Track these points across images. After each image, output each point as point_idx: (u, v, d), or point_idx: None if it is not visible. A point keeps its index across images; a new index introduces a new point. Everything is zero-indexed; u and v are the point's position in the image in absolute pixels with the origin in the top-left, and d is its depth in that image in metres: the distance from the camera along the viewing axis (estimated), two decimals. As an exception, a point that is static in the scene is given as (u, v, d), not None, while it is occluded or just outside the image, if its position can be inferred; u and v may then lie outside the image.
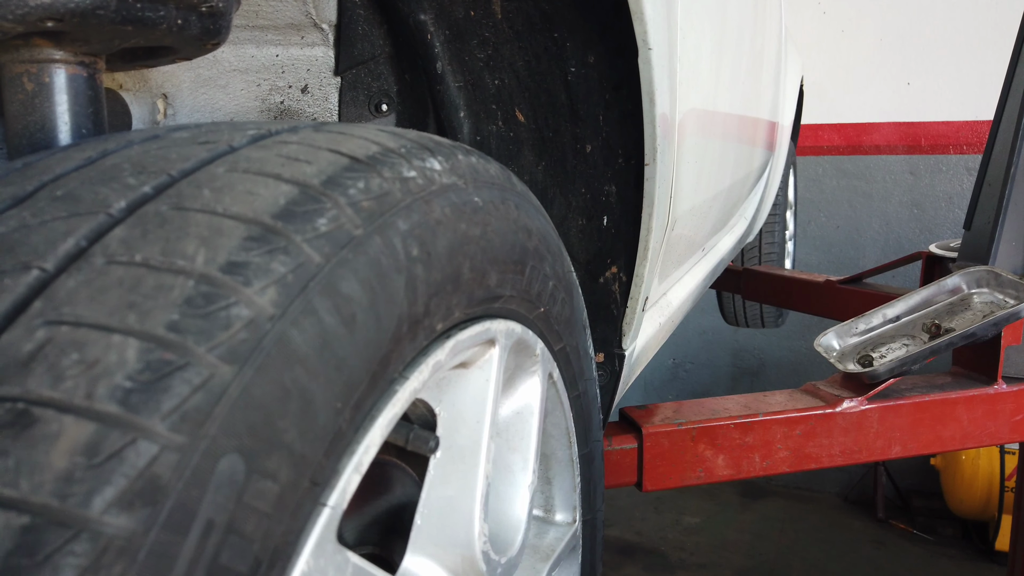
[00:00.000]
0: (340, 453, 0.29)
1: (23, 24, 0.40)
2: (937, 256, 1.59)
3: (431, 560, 0.43)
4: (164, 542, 0.21)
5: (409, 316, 0.33)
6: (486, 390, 0.44)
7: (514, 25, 0.67)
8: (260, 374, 0.25)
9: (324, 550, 0.28)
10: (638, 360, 0.94)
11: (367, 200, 0.32)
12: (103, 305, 0.23)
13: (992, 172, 1.32)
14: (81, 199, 0.28)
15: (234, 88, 0.69)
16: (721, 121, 1.09)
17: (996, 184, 1.29)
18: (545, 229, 0.50)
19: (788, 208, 2.81)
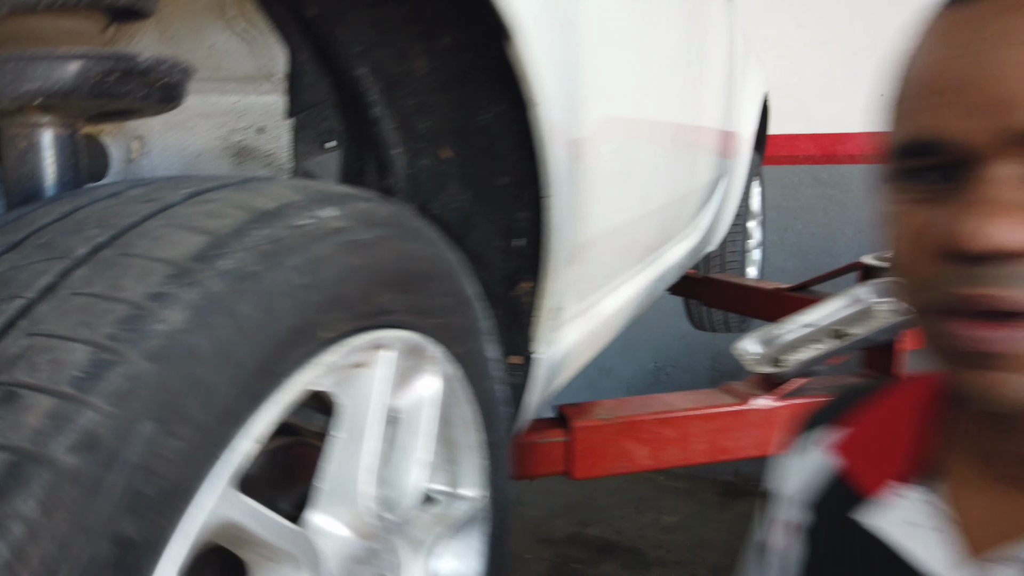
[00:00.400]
0: (235, 424, 0.41)
1: (19, 102, 0.52)
2: (872, 266, 1.72)
3: (331, 516, 0.56)
4: (99, 474, 0.33)
5: (297, 328, 0.45)
6: (376, 386, 0.56)
7: (436, 80, 0.79)
8: (172, 369, 0.37)
9: (219, 490, 0.40)
10: (564, 363, 1.06)
11: (265, 244, 0.44)
12: (66, 323, 0.36)
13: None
14: (56, 246, 0.40)
15: (199, 130, 0.82)
16: (650, 137, 1.22)
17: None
18: (436, 256, 0.63)
19: (753, 218, 2.93)
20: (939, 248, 0.47)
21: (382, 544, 0.60)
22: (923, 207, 0.48)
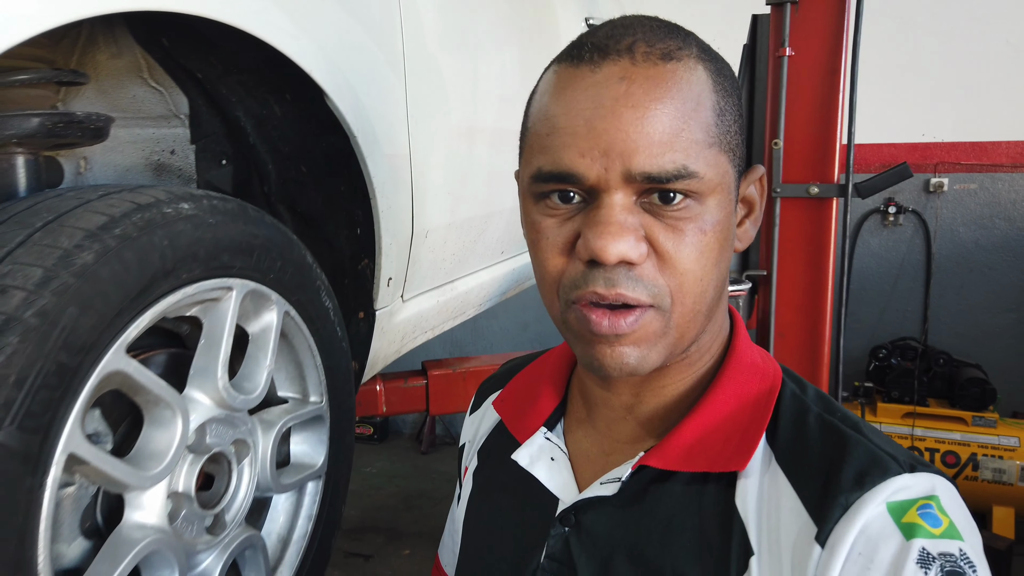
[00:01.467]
0: (125, 318, 0.76)
1: (1, 140, 0.87)
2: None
3: (199, 391, 0.91)
4: (48, 329, 0.68)
5: (163, 270, 0.81)
6: (226, 313, 0.92)
7: (287, 119, 1.15)
8: (85, 283, 0.72)
9: (114, 356, 0.75)
10: (411, 319, 1.42)
11: (141, 222, 0.79)
12: (30, 258, 0.71)
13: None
14: (24, 222, 0.75)
15: (127, 152, 1.17)
16: (490, 146, 1.56)
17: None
18: (271, 234, 0.98)
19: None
20: (584, 256, 0.58)
21: (239, 415, 0.96)
22: (567, 224, 0.60)
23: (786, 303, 1.78)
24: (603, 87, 0.56)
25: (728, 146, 0.60)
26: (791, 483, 0.58)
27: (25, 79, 0.89)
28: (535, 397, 0.76)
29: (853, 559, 0.53)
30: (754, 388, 0.65)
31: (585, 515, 0.66)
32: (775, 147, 1.77)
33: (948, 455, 3.45)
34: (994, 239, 3.95)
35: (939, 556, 0.52)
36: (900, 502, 0.54)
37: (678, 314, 0.59)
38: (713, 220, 0.58)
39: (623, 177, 0.56)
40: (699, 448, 0.62)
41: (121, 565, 0.79)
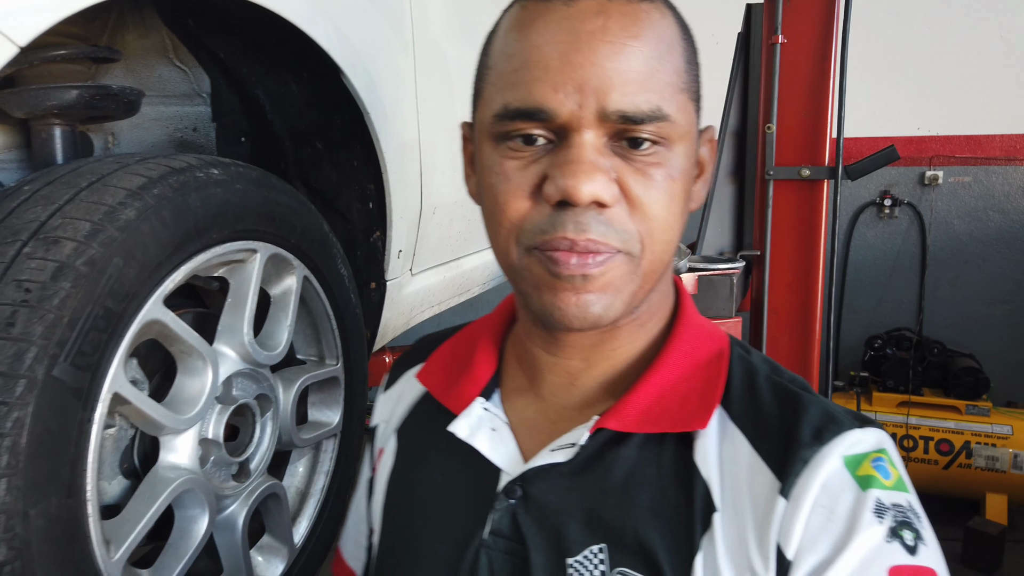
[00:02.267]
0: (163, 271, 0.83)
1: (43, 112, 0.94)
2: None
3: (227, 346, 0.97)
4: (96, 276, 0.75)
5: (196, 228, 0.87)
6: (251, 274, 0.98)
7: (305, 97, 1.22)
8: (128, 236, 0.79)
9: (153, 306, 0.82)
10: (419, 292, 1.49)
11: (176, 185, 0.86)
12: (78, 212, 0.77)
13: (712, 180, 1.89)
14: (71, 183, 0.82)
15: (152, 128, 1.24)
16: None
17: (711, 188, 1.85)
18: (292, 202, 1.05)
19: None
20: (553, 198, 0.54)
21: (262, 371, 1.02)
22: (532, 166, 0.56)
23: (779, 282, 1.84)
24: (578, 21, 0.54)
25: (695, 95, 0.59)
26: (749, 441, 0.59)
27: (64, 54, 0.96)
28: (467, 365, 0.71)
29: (816, 510, 0.54)
30: (704, 350, 0.64)
31: (533, 486, 0.62)
32: (768, 131, 1.84)
33: (942, 443, 3.51)
34: (988, 231, 4.01)
35: (892, 507, 0.54)
36: (855, 455, 0.56)
37: (647, 260, 0.57)
38: (680, 168, 0.57)
39: (597, 115, 0.53)
40: (657, 409, 0.61)
41: (159, 500, 0.85)
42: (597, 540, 0.59)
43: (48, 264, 0.73)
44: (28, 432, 0.69)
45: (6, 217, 0.77)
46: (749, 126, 1.96)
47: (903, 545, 0.53)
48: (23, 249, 0.74)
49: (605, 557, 0.58)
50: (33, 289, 0.71)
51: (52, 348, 0.71)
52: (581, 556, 0.59)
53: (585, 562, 0.59)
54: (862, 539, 0.53)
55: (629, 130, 0.54)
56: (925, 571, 0.53)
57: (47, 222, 0.76)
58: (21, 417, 0.69)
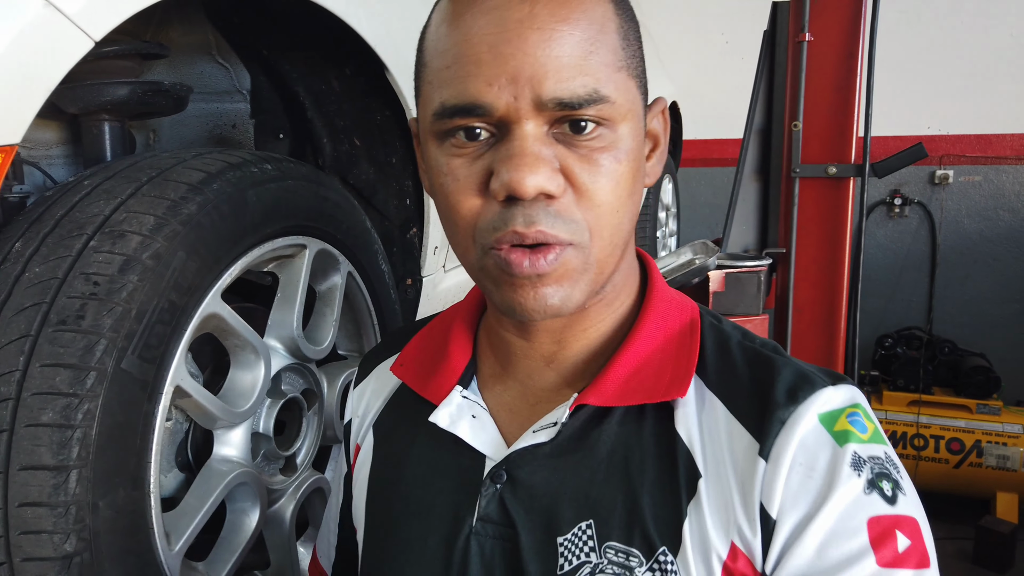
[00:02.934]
0: (222, 264, 0.83)
1: (95, 107, 0.94)
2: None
3: (276, 341, 0.98)
4: (161, 270, 0.75)
5: (252, 223, 0.88)
6: (301, 270, 0.99)
7: (346, 94, 1.22)
8: (190, 230, 0.79)
9: (212, 300, 0.82)
10: (451, 289, 1.49)
11: (233, 180, 0.86)
12: (141, 207, 0.78)
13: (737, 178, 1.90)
14: (131, 177, 0.82)
15: (192, 125, 1.24)
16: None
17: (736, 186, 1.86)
18: (338, 198, 1.05)
19: (664, 209, 3.38)
20: (500, 194, 0.53)
21: (309, 366, 1.03)
22: (477, 162, 0.55)
23: (804, 280, 1.85)
24: (505, 10, 0.53)
25: (635, 71, 0.58)
26: (727, 407, 0.59)
27: (117, 50, 0.96)
28: (442, 355, 0.70)
29: (796, 469, 0.55)
30: (676, 322, 0.65)
31: (518, 468, 0.62)
32: (795, 129, 1.85)
33: (953, 442, 3.52)
34: (998, 230, 4.02)
35: (868, 459, 0.56)
36: (830, 412, 0.57)
37: (597, 248, 0.56)
38: (626, 148, 0.56)
39: (534, 105, 0.52)
40: (635, 382, 0.61)
41: (215, 493, 0.86)
42: (585, 517, 0.59)
43: (115, 257, 0.73)
44: (98, 424, 0.70)
45: (69, 211, 0.78)
46: (774, 124, 1.96)
47: (882, 495, 0.55)
48: (89, 243, 0.74)
49: (593, 533, 0.58)
50: (101, 282, 0.72)
51: (121, 341, 0.71)
52: (570, 534, 0.59)
53: (575, 539, 0.59)
54: (841, 492, 0.54)
55: (568, 116, 0.53)
56: (904, 519, 0.55)
57: (111, 216, 0.77)
58: (91, 409, 0.69)
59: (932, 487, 3.54)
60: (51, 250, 0.74)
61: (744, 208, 1.88)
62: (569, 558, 0.59)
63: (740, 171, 1.87)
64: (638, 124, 0.58)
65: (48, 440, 0.68)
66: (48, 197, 0.81)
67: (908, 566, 0.53)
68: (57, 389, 0.68)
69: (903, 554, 0.53)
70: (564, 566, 0.58)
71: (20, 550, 0.68)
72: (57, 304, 0.71)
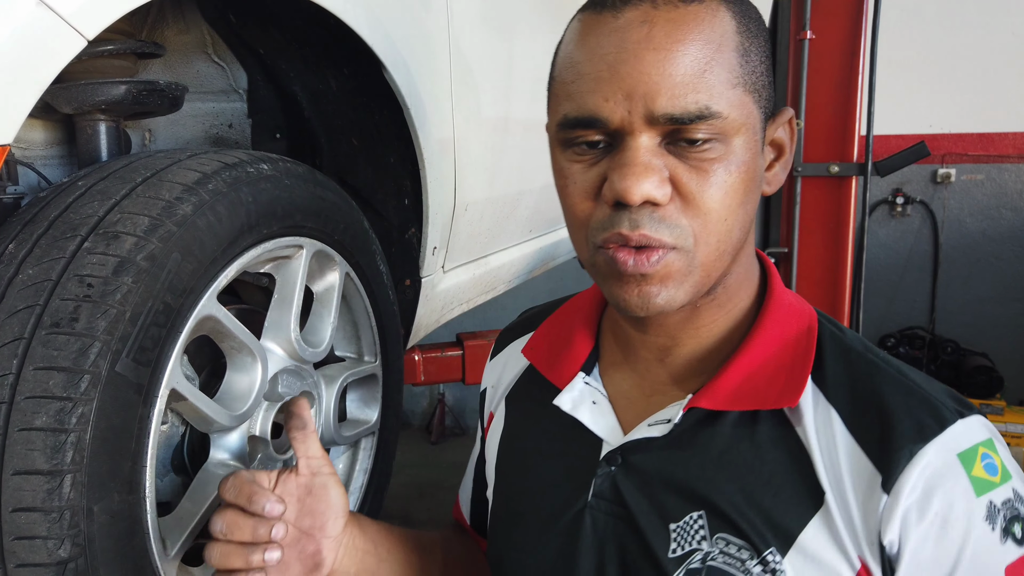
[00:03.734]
0: (216, 266, 0.82)
1: (89, 107, 0.93)
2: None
3: (273, 343, 0.97)
4: (155, 271, 0.74)
5: (247, 226, 0.87)
6: (297, 271, 0.98)
7: (344, 93, 1.21)
8: (185, 231, 0.78)
9: (208, 302, 0.81)
10: (453, 293, 1.48)
11: (229, 180, 0.85)
12: (136, 208, 0.77)
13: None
14: (125, 178, 0.81)
15: (188, 125, 1.23)
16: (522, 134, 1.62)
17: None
18: (335, 198, 1.04)
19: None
20: (609, 199, 0.59)
21: (306, 368, 1.02)
22: (593, 168, 0.61)
23: (807, 278, 1.84)
24: (625, 31, 0.57)
25: (753, 87, 0.60)
26: (846, 425, 0.61)
27: (112, 49, 0.95)
28: (568, 342, 0.76)
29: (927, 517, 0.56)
30: (793, 328, 0.67)
31: (633, 456, 0.67)
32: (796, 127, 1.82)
33: (955, 442, 3.51)
34: (1001, 229, 4.01)
35: (1002, 505, 0.57)
36: (964, 452, 0.58)
37: (703, 254, 0.60)
38: (739, 160, 0.59)
39: (646, 119, 0.57)
40: (747, 387, 0.64)
41: (211, 497, 0.85)
42: (696, 508, 0.63)
43: (109, 259, 0.72)
44: (92, 428, 0.69)
45: (63, 212, 0.77)
46: (776, 123, 1.94)
47: (1015, 540, 0.57)
48: (83, 244, 0.73)
49: (705, 523, 0.62)
50: (95, 284, 0.71)
51: (115, 343, 0.70)
52: (682, 522, 0.63)
53: (687, 527, 0.63)
54: (976, 549, 0.56)
55: (680, 129, 0.57)
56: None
57: (105, 217, 0.76)
58: (86, 413, 0.68)
59: (935, 487, 3.54)
60: (44, 252, 0.73)
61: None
62: (681, 543, 0.63)
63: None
64: (753, 137, 0.61)
65: (42, 444, 0.67)
66: (42, 198, 0.80)
67: None
68: (51, 393, 0.67)
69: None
70: (676, 550, 0.63)
71: (14, 556, 0.67)
72: (51, 306, 0.70)
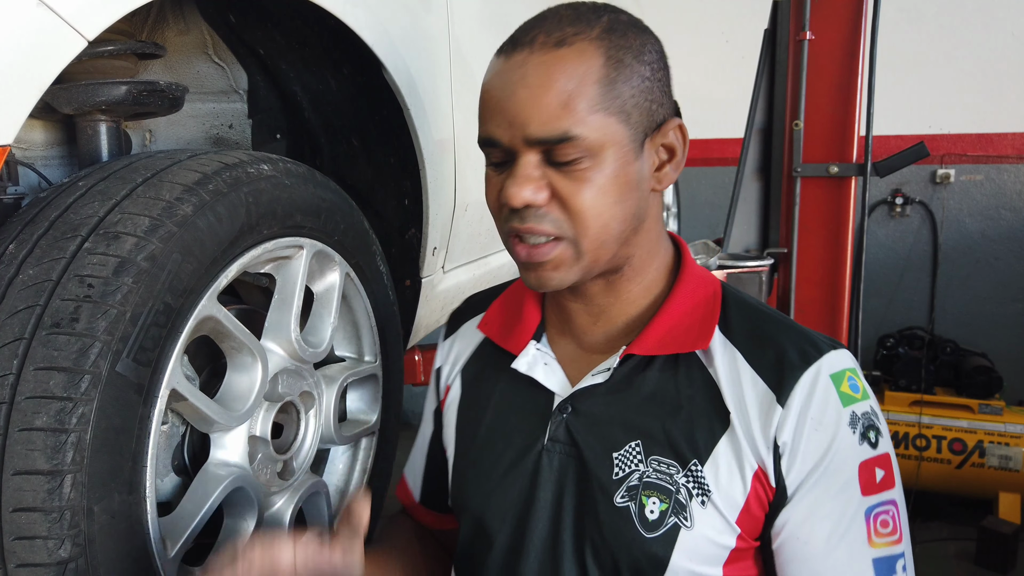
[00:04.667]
0: (217, 266, 0.82)
1: (90, 108, 0.93)
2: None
3: (273, 343, 0.97)
4: (156, 272, 0.74)
5: (247, 227, 0.87)
6: (298, 271, 0.98)
7: (344, 93, 1.21)
8: (186, 231, 0.78)
9: (208, 302, 0.81)
10: (450, 290, 1.48)
11: (229, 181, 0.85)
12: (137, 208, 0.77)
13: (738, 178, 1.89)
14: (126, 178, 0.81)
15: (189, 126, 1.23)
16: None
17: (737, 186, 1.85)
18: (335, 199, 1.04)
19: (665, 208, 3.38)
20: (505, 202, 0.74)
21: (307, 368, 1.02)
22: (500, 176, 0.76)
23: (806, 279, 1.84)
24: (510, 72, 0.73)
25: (620, 109, 0.73)
26: (747, 360, 0.77)
27: (112, 50, 0.96)
28: (519, 316, 0.91)
29: (807, 421, 0.73)
30: (702, 293, 0.83)
31: (580, 402, 0.82)
32: (796, 128, 1.84)
33: (955, 442, 3.50)
34: (1000, 230, 4.01)
35: (861, 416, 0.75)
36: (835, 373, 0.75)
37: (586, 242, 0.74)
38: (608, 169, 0.73)
39: (524, 141, 0.72)
40: (669, 337, 0.80)
41: (211, 497, 0.85)
42: (634, 438, 0.78)
43: (110, 259, 0.72)
44: (93, 428, 0.69)
45: (64, 212, 0.77)
46: (775, 123, 1.95)
47: (868, 443, 0.75)
48: (84, 244, 0.73)
49: (641, 450, 0.78)
50: (96, 284, 0.71)
51: (116, 344, 0.70)
52: (623, 450, 0.78)
53: (626, 454, 0.78)
54: (838, 446, 0.73)
55: (552, 150, 0.72)
56: (883, 457, 0.76)
57: (105, 217, 0.76)
58: (86, 413, 0.68)
59: (934, 487, 3.53)
60: (45, 252, 0.73)
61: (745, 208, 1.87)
62: (622, 467, 0.78)
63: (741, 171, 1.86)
64: (621, 150, 0.74)
65: (42, 444, 0.67)
66: (42, 198, 0.80)
67: (883, 490, 0.75)
68: (51, 393, 0.67)
69: (879, 483, 0.75)
70: (618, 473, 0.78)
71: (14, 556, 0.67)
72: (51, 307, 0.70)
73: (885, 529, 0.75)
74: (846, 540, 0.74)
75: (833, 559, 0.74)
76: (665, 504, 0.76)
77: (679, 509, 0.75)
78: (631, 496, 0.77)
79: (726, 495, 0.75)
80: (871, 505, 0.75)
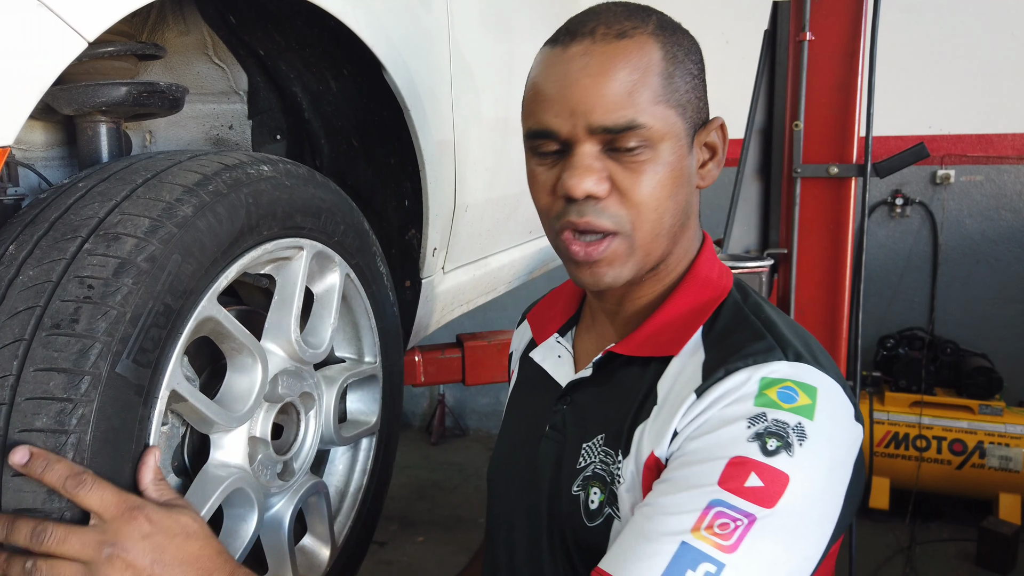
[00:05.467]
0: (217, 267, 0.82)
1: (90, 109, 0.93)
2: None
3: (273, 344, 0.97)
4: (156, 273, 0.74)
5: (247, 227, 0.87)
6: (298, 272, 0.98)
7: (344, 94, 1.21)
8: (186, 233, 0.78)
9: (208, 303, 0.81)
10: (454, 294, 1.48)
11: (230, 180, 0.85)
12: (136, 209, 0.77)
13: (738, 178, 1.89)
14: (126, 179, 0.81)
15: (189, 126, 1.23)
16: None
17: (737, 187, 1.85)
18: (336, 200, 1.04)
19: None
20: (561, 194, 0.75)
21: (306, 369, 1.02)
22: (552, 170, 0.77)
23: (806, 280, 1.84)
24: (570, 62, 0.73)
25: (677, 103, 0.75)
26: (704, 360, 0.76)
27: (112, 51, 0.96)
28: (554, 310, 0.97)
29: (712, 406, 0.70)
30: (703, 297, 0.82)
31: (575, 394, 0.87)
32: (796, 129, 1.84)
33: (955, 443, 3.51)
34: (1000, 230, 4.01)
35: (772, 422, 0.66)
36: (770, 379, 0.69)
37: (640, 236, 0.75)
38: (665, 162, 0.74)
39: (586, 130, 0.72)
40: (651, 340, 0.81)
41: (212, 498, 0.85)
42: (601, 431, 0.81)
43: (110, 260, 0.72)
44: (93, 429, 0.69)
45: (63, 213, 0.77)
46: (775, 124, 1.95)
47: (761, 448, 0.66)
48: (84, 245, 0.73)
49: (602, 442, 0.81)
50: (96, 285, 0.71)
51: (116, 345, 0.70)
52: (591, 441, 0.82)
53: (592, 446, 0.81)
54: (725, 432, 0.68)
55: (614, 139, 0.72)
56: (772, 470, 0.65)
57: (106, 218, 0.76)
58: (86, 414, 0.68)
59: (934, 488, 3.53)
60: (45, 253, 0.73)
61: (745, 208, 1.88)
62: (585, 457, 0.81)
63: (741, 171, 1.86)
64: (678, 143, 0.75)
65: (42, 445, 0.67)
66: (42, 199, 0.80)
67: (747, 498, 0.64)
68: (51, 394, 0.67)
69: (747, 488, 0.65)
70: (581, 463, 0.82)
71: (13, 557, 0.67)
72: (51, 308, 0.70)
73: (721, 531, 0.64)
74: (673, 513, 0.66)
75: (654, 523, 0.67)
76: (603, 495, 0.78)
77: (613, 500, 0.77)
78: (582, 486, 0.80)
79: (631, 485, 0.75)
80: (721, 499, 0.65)
